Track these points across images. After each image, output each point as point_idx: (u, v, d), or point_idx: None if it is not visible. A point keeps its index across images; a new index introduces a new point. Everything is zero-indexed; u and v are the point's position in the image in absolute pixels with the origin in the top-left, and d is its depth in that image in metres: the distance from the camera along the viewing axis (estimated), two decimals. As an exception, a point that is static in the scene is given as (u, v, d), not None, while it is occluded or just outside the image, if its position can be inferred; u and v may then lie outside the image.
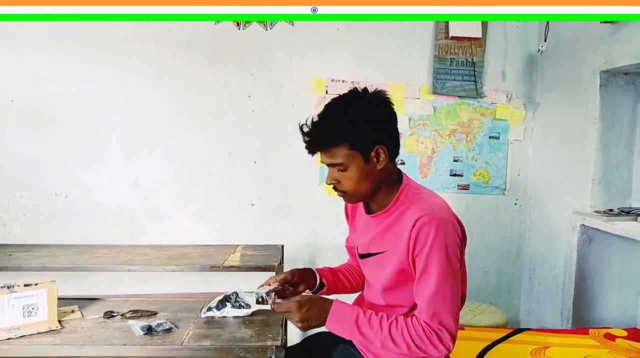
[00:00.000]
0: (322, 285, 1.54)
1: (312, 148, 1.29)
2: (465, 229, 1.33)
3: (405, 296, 1.33)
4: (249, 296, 1.61)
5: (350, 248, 1.64)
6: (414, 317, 1.26)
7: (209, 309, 1.57)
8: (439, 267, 1.21)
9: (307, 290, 1.52)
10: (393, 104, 1.32)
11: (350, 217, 1.55)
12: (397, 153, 1.35)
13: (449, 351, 1.22)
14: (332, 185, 1.34)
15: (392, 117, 1.31)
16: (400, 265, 1.29)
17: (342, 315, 1.26)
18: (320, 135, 1.26)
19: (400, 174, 1.38)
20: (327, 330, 1.29)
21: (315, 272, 1.55)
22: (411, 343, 1.21)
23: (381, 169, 1.29)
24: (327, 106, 1.30)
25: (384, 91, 1.32)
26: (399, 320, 1.24)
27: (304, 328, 1.28)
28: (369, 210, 1.42)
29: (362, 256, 1.44)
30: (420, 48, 2.82)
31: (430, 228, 1.21)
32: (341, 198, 1.38)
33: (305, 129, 1.29)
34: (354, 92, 1.31)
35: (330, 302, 1.29)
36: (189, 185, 2.78)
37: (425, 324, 1.21)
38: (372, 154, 1.27)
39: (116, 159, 2.73)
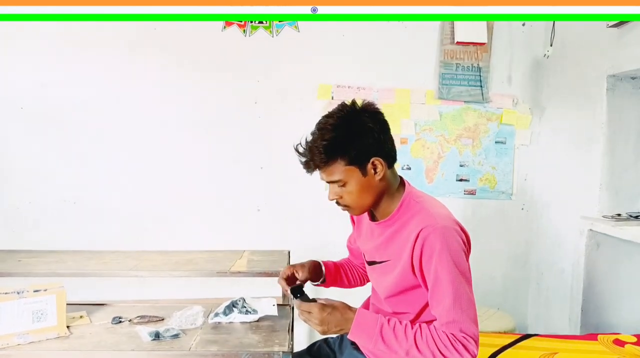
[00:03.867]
0: (323, 280, 1.58)
1: (308, 169, 1.31)
2: (472, 234, 1.33)
3: (409, 303, 1.34)
4: (255, 302, 1.62)
5: (350, 248, 1.67)
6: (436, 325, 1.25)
7: (216, 315, 1.57)
8: (450, 276, 1.21)
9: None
10: (383, 114, 1.32)
11: (356, 223, 1.56)
12: (394, 160, 1.35)
13: (474, 357, 1.21)
14: (334, 201, 1.35)
15: (384, 127, 1.31)
16: (404, 274, 1.29)
17: (366, 324, 1.24)
18: (315, 155, 1.26)
19: (402, 181, 1.39)
20: (350, 339, 1.28)
21: (322, 267, 1.57)
22: (437, 352, 1.19)
23: (380, 179, 1.30)
24: (318, 124, 1.30)
25: (373, 103, 1.32)
26: (423, 329, 1.23)
27: (322, 332, 1.27)
28: (373, 217, 1.42)
29: (369, 263, 1.44)
30: (426, 53, 2.83)
31: (435, 239, 1.21)
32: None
33: (301, 150, 1.30)
34: (343, 108, 1.31)
35: (354, 310, 1.27)
36: (195, 191, 2.80)
37: (450, 334, 1.20)
38: (369, 166, 1.28)
39: (123, 165, 2.75)
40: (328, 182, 1.32)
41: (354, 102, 1.32)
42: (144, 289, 2.66)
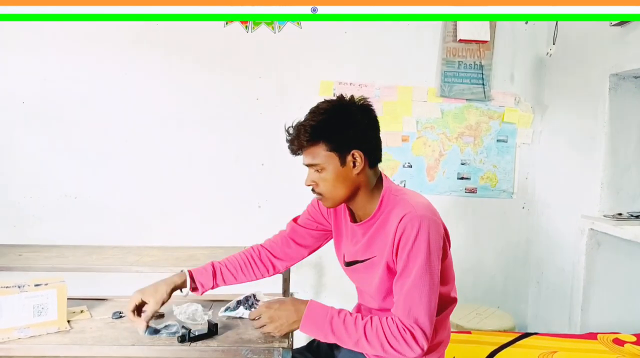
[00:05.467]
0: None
1: (293, 147, 1.33)
2: (472, 232, 1.35)
3: None
4: (265, 298, 1.62)
5: (294, 228, 1.59)
6: (390, 315, 1.25)
7: (227, 309, 1.58)
8: (419, 265, 1.21)
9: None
10: (375, 114, 1.35)
11: (332, 225, 1.51)
12: (377, 160, 1.36)
13: (423, 350, 1.21)
14: (310, 187, 1.36)
15: (372, 124, 1.34)
16: (389, 265, 1.30)
17: (316, 316, 1.27)
18: (301, 134, 1.29)
19: (380, 179, 1.39)
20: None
21: (187, 280, 1.51)
22: (385, 343, 1.20)
23: (358, 174, 1.31)
24: (312, 107, 1.34)
25: (368, 101, 1.35)
26: (374, 320, 1.24)
27: (276, 330, 1.29)
28: (354, 219, 1.42)
29: (349, 264, 1.45)
30: (428, 51, 2.82)
31: (414, 226, 1.22)
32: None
33: (291, 130, 1.34)
34: (340, 98, 1.35)
35: (305, 302, 1.29)
36: (196, 187, 2.80)
37: (400, 322, 1.21)
38: (349, 157, 1.29)
39: (125, 160, 2.75)
40: (307, 166, 1.34)
41: (352, 97, 1.35)
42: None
